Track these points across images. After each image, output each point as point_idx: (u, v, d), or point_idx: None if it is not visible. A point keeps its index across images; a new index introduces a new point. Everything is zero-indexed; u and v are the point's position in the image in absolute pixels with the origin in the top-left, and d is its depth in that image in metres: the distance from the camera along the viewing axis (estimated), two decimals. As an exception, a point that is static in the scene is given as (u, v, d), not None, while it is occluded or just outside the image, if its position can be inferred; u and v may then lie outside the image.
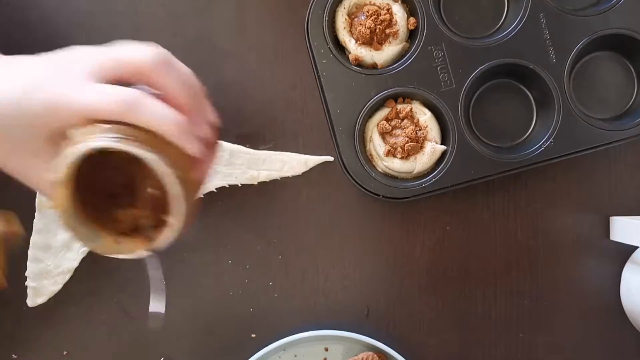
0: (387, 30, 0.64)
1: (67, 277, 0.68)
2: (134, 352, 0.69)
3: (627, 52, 0.67)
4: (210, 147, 0.50)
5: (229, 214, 0.69)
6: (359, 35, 0.64)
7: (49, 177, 0.43)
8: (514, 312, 0.69)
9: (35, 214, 0.68)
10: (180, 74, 0.47)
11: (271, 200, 0.69)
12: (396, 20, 0.65)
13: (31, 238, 0.68)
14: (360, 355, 0.65)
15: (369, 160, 0.65)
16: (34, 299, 0.68)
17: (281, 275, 0.69)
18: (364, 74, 0.65)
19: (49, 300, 0.68)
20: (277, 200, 0.69)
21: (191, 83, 0.49)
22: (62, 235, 0.68)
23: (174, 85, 0.46)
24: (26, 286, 0.68)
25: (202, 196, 0.68)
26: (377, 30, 0.64)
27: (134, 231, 0.48)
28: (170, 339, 0.69)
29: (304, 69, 0.68)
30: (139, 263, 0.70)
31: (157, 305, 0.53)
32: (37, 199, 0.68)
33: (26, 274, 0.68)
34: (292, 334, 0.66)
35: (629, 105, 0.68)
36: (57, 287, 0.69)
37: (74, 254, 0.68)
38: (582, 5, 0.67)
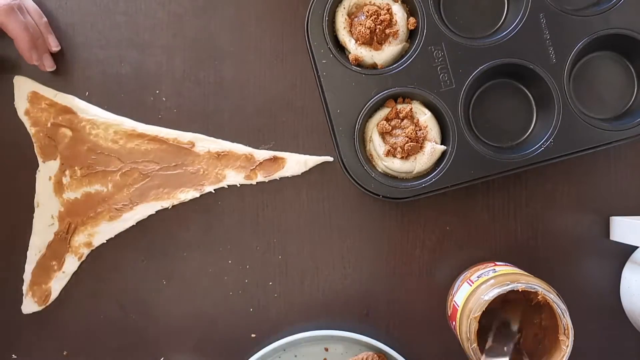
0: (387, 30, 0.64)
1: (66, 280, 0.68)
2: (134, 352, 0.69)
3: (627, 52, 0.67)
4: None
5: (229, 214, 0.69)
6: (359, 35, 0.64)
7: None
8: (514, 312, 0.69)
9: (34, 215, 0.68)
10: (23, 21, 0.63)
11: (271, 200, 0.69)
12: (396, 20, 0.65)
13: (30, 240, 0.68)
14: (360, 355, 0.65)
15: (369, 160, 0.65)
16: (33, 299, 0.68)
17: (281, 275, 0.69)
18: (364, 74, 0.64)
19: (49, 300, 0.69)
20: (277, 200, 0.69)
21: (35, 23, 0.66)
22: (62, 235, 0.68)
23: (19, 30, 0.64)
24: (26, 286, 0.69)
25: (199, 196, 0.68)
26: (377, 30, 0.64)
27: None
28: (170, 339, 0.69)
29: (304, 69, 0.68)
30: (139, 263, 0.70)
31: None
32: (35, 200, 0.68)
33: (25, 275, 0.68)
34: (292, 334, 0.66)
35: (629, 105, 0.68)
36: (57, 289, 0.69)
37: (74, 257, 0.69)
38: (582, 5, 0.67)
